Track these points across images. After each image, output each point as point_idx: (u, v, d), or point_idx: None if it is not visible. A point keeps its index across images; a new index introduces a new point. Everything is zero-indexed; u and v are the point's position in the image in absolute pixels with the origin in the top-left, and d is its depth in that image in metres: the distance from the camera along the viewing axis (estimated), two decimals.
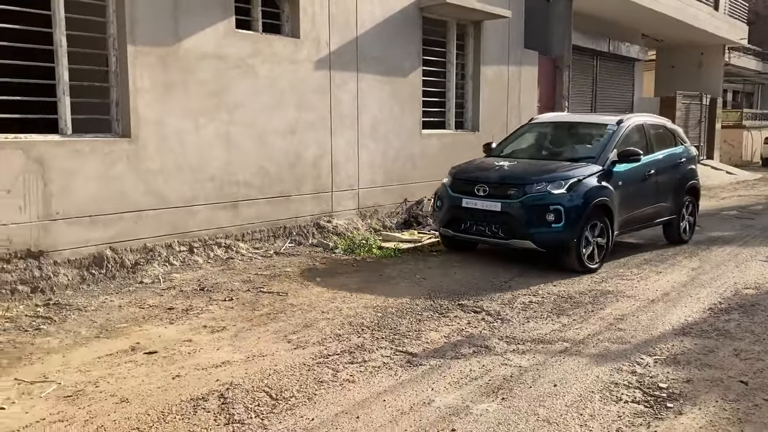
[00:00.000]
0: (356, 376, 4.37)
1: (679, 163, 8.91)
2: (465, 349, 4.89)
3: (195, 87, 7.15)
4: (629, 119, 8.36)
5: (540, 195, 7.06)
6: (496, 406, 3.94)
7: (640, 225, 8.34)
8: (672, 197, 8.70)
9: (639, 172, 7.96)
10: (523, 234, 7.08)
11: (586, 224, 7.12)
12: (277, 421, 3.71)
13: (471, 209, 7.37)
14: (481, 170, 7.77)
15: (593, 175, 7.34)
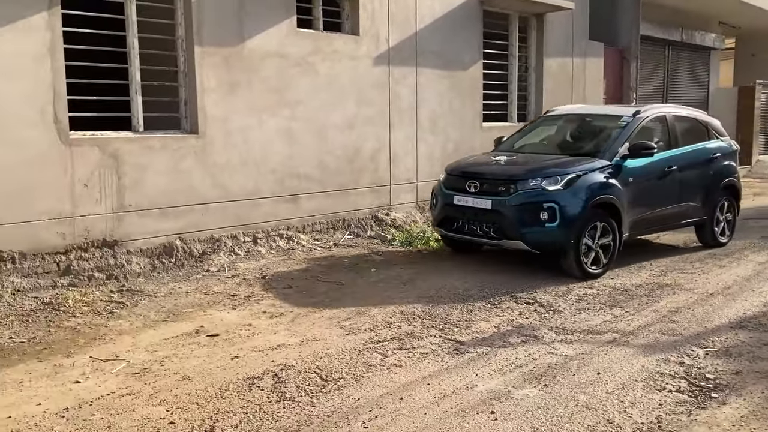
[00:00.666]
0: (404, 361, 4.53)
1: (713, 158, 8.05)
2: (513, 339, 4.98)
3: (258, 85, 7.46)
4: (648, 110, 7.67)
5: (533, 192, 6.49)
6: (537, 392, 4.03)
7: (659, 226, 7.67)
8: (702, 196, 7.88)
9: (656, 168, 7.28)
10: (514, 234, 6.54)
11: (587, 224, 6.52)
12: (325, 400, 3.91)
13: (463, 207, 6.88)
14: (475, 165, 7.28)
15: (597, 170, 6.72)
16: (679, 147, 7.73)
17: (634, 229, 7.13)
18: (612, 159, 6.89)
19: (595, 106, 8.93)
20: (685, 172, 7.62)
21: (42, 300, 5.71)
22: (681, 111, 8.27)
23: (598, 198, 6.58)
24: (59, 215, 6.11)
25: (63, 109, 6.03)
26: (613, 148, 7.02)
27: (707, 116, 8.69)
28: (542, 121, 8.52)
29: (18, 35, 5.72)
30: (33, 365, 4.42)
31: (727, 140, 8.52)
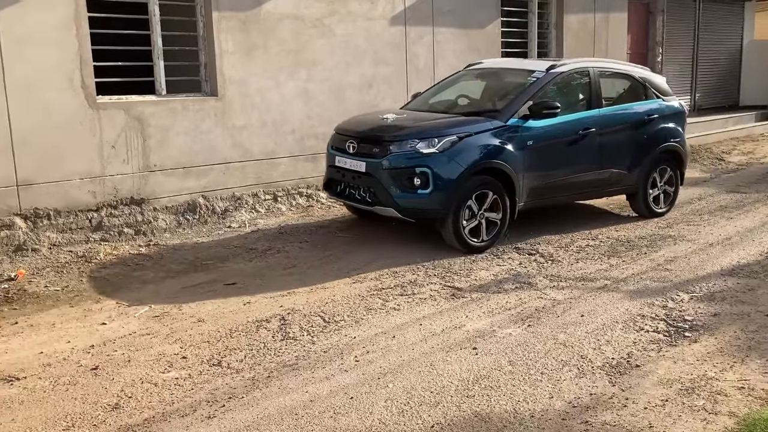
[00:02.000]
0: (402, 305, 4.86)
1: (647, 120, 7.22)
2: (508, 285, 5.27)
3: (275, 47, 7.73)
4: (567, 65, 6.91)
5: (406, 154, 5.90)
6: (520, 331, 4.33)
7: (572, 194, 6.93)
8: (631, 162, 7.11)
9: (566, 131, 6.58)
10: (386, 200, 5.97)
11: (468, 192, 5.95)
12: (324, 339, 4.28)
13: (342, 169, 6.37)
14: (358, 124, 6.65)
15: (487, 132, 6.08)
16: (604, 107, 7.00)
17: (536, 197, 6.47)
18: (507, 119, 6.23)
19: (517, 60, 7.84)
20: (607, 135, 6.89)
21: (76, 253, 6.18)
22: (611, 65, 7.49)
23: (481, 163, 5.98)
24: (90, 175, 6.55)
25: (89, 74, 6.42)
26: (510, 107, 6.38)
27: (647, 72, 7.89)
28: (462, 75, 7.71)
29: (45, 5, 6.08)
30: (65, 310, 4.88)
31: (671, 100, 7.68)
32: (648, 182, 7.30)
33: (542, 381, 3.66)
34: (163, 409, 3.41)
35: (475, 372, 3.77)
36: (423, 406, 3.40)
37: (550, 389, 3.57)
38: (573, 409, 3.37)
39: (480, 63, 7.77)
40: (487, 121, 6.19)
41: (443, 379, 3.69)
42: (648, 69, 8.13)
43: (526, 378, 3.70)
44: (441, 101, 7.29)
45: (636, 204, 7.45)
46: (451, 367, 3.84)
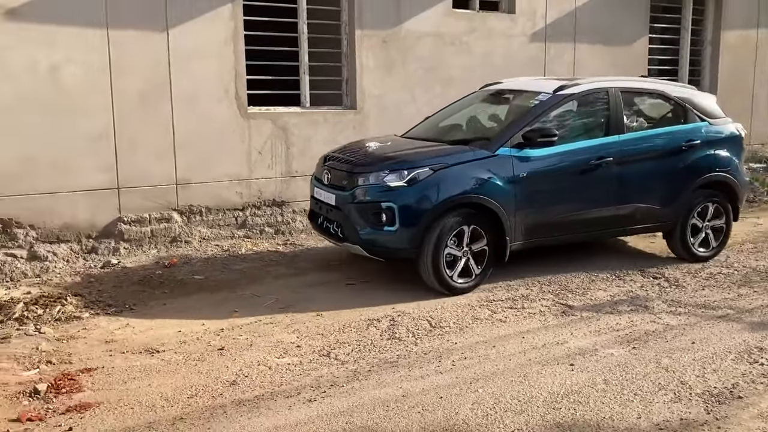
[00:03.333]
0: (509, 318, 4.98)
1: (686, 147, 6.29)
2: (623, 307, 5.20)
3: (413, 64, 8.08)
4: (579, 85, 6.10)
5: (374, 187, 5.41)
6: (623, 352, 4.30)
7: (581, 232, 6.07)
8: (664, 196, 6.22)
9: (572, 160, 5.84)
10: (353, 237, 5.50)
11: (444, 230, 5.34)
12: (427, 341, 4.51)
13: (318, 200, 5.98)
14: (340, 151, 6.17)
15: (466, 163, 5.49)
16: (627, 132, 6.15)
17: (536, 235, 5.77)
18: (497, 149, 5.60)
19: (534, 80, 6.85)
20: (630, 165, 6.07)
21: (221, 247, 6.86)
22: (638, 84, 6.55)
23: (457, 198, 5.39)
24: (238, 177, 7.23)
25: (243, 87, 7.10)
26: (502, 135, 5.75)
27: (690, 91, 6.83)
28: (475, 96, 7.01)
29: (209, 24, 6.83)
30: (205, 296, 5.48)
31: (720, 123, 6.65)
32: (687, 219, 6.35)
33: (633, 401, 3.65)
34: (272, 389, 3.80)
35: (567, 387, 3.83)
36: (507, 413, 3.53)
37: (639, 410, 3.56)
38: (658, 430, 3.35)
39: (498, 83, 7.02)
40: (470, 151, 5.61)
41: (533, 389, 3.79)
42: (692, 87, 7.14)
43: (618, 397, 3.70)
44: (446, 126, 6.70)
45: (673, 244, 6.51)
46: (544, 379, 3.92)
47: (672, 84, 6.88)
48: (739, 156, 6.70)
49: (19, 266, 5.93)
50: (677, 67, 10.61)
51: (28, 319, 4.78)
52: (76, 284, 5.64)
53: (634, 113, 6.39)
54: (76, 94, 6.18)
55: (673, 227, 6.36)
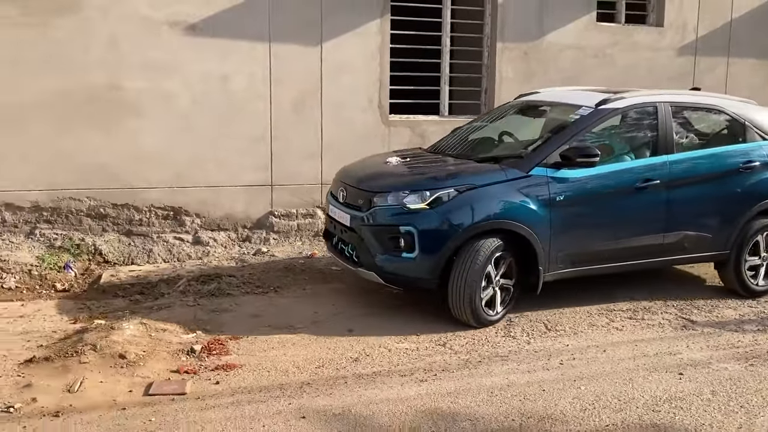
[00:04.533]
0: (626, 327, 5.06)
1: (745, 168, 5.72)
2: (749, 326, 5.10)
3: (553, 75, 8.21)
4: (624, 99, 5.54)
5: (391, 209, 4.93)
6: (737, 367, 4.28)
7: (624, 262, 5.45)
8: (719, 223, 5.66)
9: (616, 183, 5.31)
10: (368, 262, 5.03)
11: (477, 257, 4.83)
12: (540, 342, 4.72)
13: (333, 219, 5.51)
14: (357, 167, 5.78)
15: (496, 184, 4.98)
16: (678, 152, 5.59)
17: (574, 264, 5.25)
18: (530, 169, 5.09)
19: (574, 91, 6.26)
20: (680, 188, 5.51)
21: None
22: (691, 98, 5.97)
23: (484, 223, 4.90)
24: None
25: (385, 96, 7.62)
26: (536, 153, 5.22)
27: (750, 107, 6.15)
28: (510, 108, 6.47)
29: (359, 39, 7.41)
30: (338, 285, 6.00)
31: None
32: (743, 249, 5.75)
33: (738, 413, 3.67)
34: (389, 368, 4.21)
35: (671, 393, 3.91)
36: (606, 410, 3.69)
37: (741, 422, 3.58)
38: None
39: (535, 93, 6.54)
40: (501, 170, 5.10)
41: (636, 392, 3.91)
42: (753, 102, 6.35)
43: (722, 407, 3.74)
44: (476, 139, 6.19)
45: (726, 276, 5.91)
46: (649, 385, 4.02)
47: (730, 98, 6.33)
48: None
49: (185, 249, 6.79)
50: None
51: (190, 293, 5.53)
52: (231, 267, 6.38)
53: (685, 130, 5.83)
54: (240, 101, 6.96)
55: (726, 258, 5.77)
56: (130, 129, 6.55)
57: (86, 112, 6.38)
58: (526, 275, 5.15)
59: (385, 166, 5.55)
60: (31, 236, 6.38)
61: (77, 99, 6.33)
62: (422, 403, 3.74)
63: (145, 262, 6.51)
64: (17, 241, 6.34)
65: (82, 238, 6.49)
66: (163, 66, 6.59)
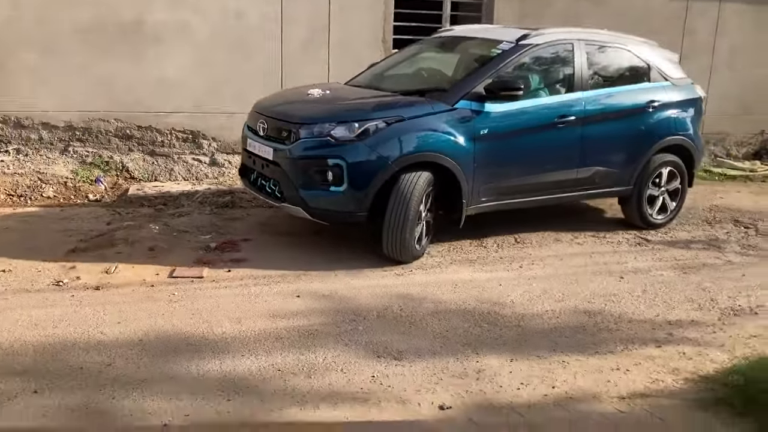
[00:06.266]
0: (587, 242, 5.75)
1: (648, 107, 5.95)
2: (696, 245, 5.79)
3: (548, 18, 8.69)
4: (543, 35, 5.61)
5: (318, 141, 4.84)
6: (672, 274, 5.00)
7: (540, 196, 5.61)
8: (624, 159, 5.90)
9: (536, 117, 5.41)
10: (293, 197, 4.95)
11: (412, 190, 4.83)
12: (507, 251, 5.43)
13: (252, 154, 5.37)
14: (277, 100, 5.69)
15: (424, 116, 4.98)
16: (591, 90, 5.73)
17: (494, 199, 5.36)
18: (455, 102, 5.10)
19: (489, 28, 6.46)
20: (593, 125, 5.66)
21: None
22: (602, 38, 6.04)
23: (413, 155, 4.90)
24: None
25: (389, 32, 8.16)
26: (460, 86, 5.24)
27: (652, 48, 6.37)
28: (425, 44, 6.51)
29: None
30: None
31: (681, 83, 6.34)
32: (645, 185, 6.03)
33: (659, 306, 4.42)
34: (373, 265, 4.95)
35: (608, 290, 4.65)
36: (549, 300, 4.44)
37: (660, 311, 4.34)
38: (667, 324, 4.13)
39: (449, 30, 6.62)
40: (428, 103, 5.10)
41: (577, 288, 4.66)
42: (654, 43, 6.52)
43: (648, 302, 4.48)
44: (393, 76, 6.18)
45: (629, 210, 6.19)
46: (591, 284, 4.76)
47: (636, 39, 6.41)
48: (698, 119, 6.49)
49: (203, 169, 7.53)
50: None
51: (207, 204, 6.30)
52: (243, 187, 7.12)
53: (598, 69, 5.92)
54: (254, 37, 7.55)
55: (630, 193, 6.03)
56: (155, 59, 7.18)
57: (116, 42, 7.03)
58: (448, 209, 5.27)
59: (309, 98, 5.41)
60: (65, 153, 7.14)
61: (108, 30, 6.97)
62: (396, 290, 4.50)
63: (167, 180, 7.26)
64: (53, 156, 7.10)
65: (110, 156, 7.24)
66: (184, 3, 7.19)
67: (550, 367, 3.58)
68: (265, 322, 3.95)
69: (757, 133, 10.01)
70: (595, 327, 4.08)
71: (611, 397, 3.30)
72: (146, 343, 3.65)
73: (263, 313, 4.08)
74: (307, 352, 3.63)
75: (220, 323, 3.92)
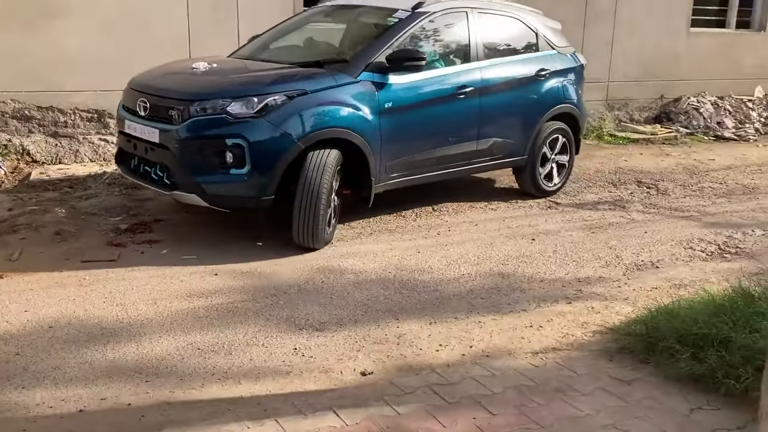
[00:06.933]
0: (501, 208, 5.90)
1: (539, 76, 5.94)
2: (603, 206, 6.06)
3: None
4: (436, 3, 5.41)
5: (213, 119, 4.39)
6: (581, 235, 5.23)
7: (443, 170, 5.46)
8: (519, 129, 5.84)
9: (438, 89, 5.24)
10: (187, 183, 4.47)
11: (320, 168, 4.52)
12: (424, 220, 5.52)
13: (133, 137, 4.78)
14: (157, 75, 5.10)
15: (328, 89, 4.66)
16: (486, 59, 5.60)
17: (400, 175, 5.16)
18: (358, 74, 4.82)
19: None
20: (490, 95, 5.55)
21: None
22: (493, 6, 5.93)
23: (320, 131, 4.57)
24: None
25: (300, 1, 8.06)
26: (362, 57, 4.94)
27: (539, 16, 6.36)
28: (311, 14, 6.20)
29: None
30: None
31: (567, 52, 6.38)
32: (538, 153, 6.00)
33: (569, 264, 4.61)
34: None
35: (521, 252, 4.81)
36: (465, 264, 4.56)
37: (570, 269, 4.53)
38: (576, 282, 4.32)
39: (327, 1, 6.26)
40: (330, 75, 4.76)
41: (491, 251, 4.80)
42: (539, 12, 6.50)
43: (558, 260, 4.67)
44: (283, 47, 5.83)
45: (523, 180, 6.17)
46: (505, 247, 4.91)
47: (524, 7, 6.39)
48: (581, 87, 6.52)
49: (111, 149, 7.23)
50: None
51: (115, 185, 6.09)
52: None
53: (491, 38, 5.76)
54: (160, 8, 7.29)
55: (525, 163, 5.98)
56: (54, 32, 6.83)
57: (8, 15, 6.63)
58: (355, 188, 5.03)
59: (196, 72, 4.94)
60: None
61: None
62: (317, 264, 4.49)
63: (72, 162, 6.96)
64: None
65: (9, 139, 6.86)
66: None
67: (467, 327, 3.68)
68: (182, 302, 3.88)
69: (657, 98, 10.49)
70: (509, 287, 4.22)
71: (525, 352, 3.43)
72: (57, 330, 3.52)
73: (180, 293, 4.01)
74: (226, 329, 3.60)
75: (135, 305, 3.82)
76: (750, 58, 10.89)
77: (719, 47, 10.65)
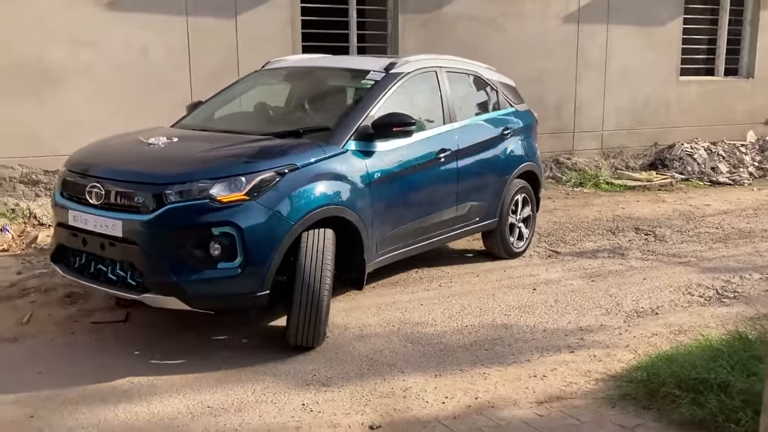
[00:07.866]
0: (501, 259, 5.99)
1: (504, 135, 5.77)
2: (602, 254, 6.15)
3: (452, 44, 9.07)
4: (409, 63, 5.11)
5: (192, 206, 3.78)
6: (582, 283, 5.31)
7: (428, 240, 5.12)
8: (490, 191, 5.61)
9: (422, 155, 4.90)
10: (162, 282, 3.77)
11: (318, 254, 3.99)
12: (425, 272, 5.62)
13: (81, 230, 4.03)
14: (107, 153, 4.46)
15: (317, 162, 4.18)
16: (458, 120, 5.37)
17: (390, 249, 4.77)
18: (343, 143, 4.39)
19: (336, 58, 6.16)
20: (465, 157, 5.30)
21: None
22: (457, 64, 5.73)
23: (319, 209, 4.09)
24: None
25: None
26: (345, 123, 4.52)
27: (496, 73, 6.22)
28: (260, 77, 5.69)
29: (271, 11, 8.05)
30: None
31: (523, 108, 6.26)
32: (506, 214, 5.78)
33: (570, 313, 4.69)
34: None
35: (523, 302, 4.89)
36: (468, 316, 4.63)
37: (571, 318, 4.60)
38: (578, 330, 4.39)
39: (283, 60, 5.88)
40: (317, 146, 4.27)
41: (493, 303, 4.88)
42: (494, 68, 6.35)
43: (559, 310, 4.75)
44: (234, 115, 5.39)
45: (492, 242, 5.88)
46: (507, 297, 4.99)
47: (482, 65, 6.16)
48: (536, 142, 6.40)
49: None
50: (715, 46, 11.11)
51: None
52: None
53: (460, 98, 5.54)
54: (160, 70, 7.54)
55: (496, 225, 5.73)
56: (57, 100, 7.06)
57: (15, 84, 6.86)
58: (343, 269, 4.41)
59: (156, 148, 4.28)
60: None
61: (6, 72, 6.80)
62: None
63: None
64: None
65: (16, 203, 7.01)
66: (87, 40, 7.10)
67: (472, 379, 3.74)
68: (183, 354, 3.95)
69: (651, 145, 10.71)
70: (512, 338, 4.28)
71: (530, 402, 3.49)
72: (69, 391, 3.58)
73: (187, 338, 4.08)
74: (235, 387, 3.66)
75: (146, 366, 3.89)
76: (740, 104, 11.16)
77: (709, 94, 10.93)
